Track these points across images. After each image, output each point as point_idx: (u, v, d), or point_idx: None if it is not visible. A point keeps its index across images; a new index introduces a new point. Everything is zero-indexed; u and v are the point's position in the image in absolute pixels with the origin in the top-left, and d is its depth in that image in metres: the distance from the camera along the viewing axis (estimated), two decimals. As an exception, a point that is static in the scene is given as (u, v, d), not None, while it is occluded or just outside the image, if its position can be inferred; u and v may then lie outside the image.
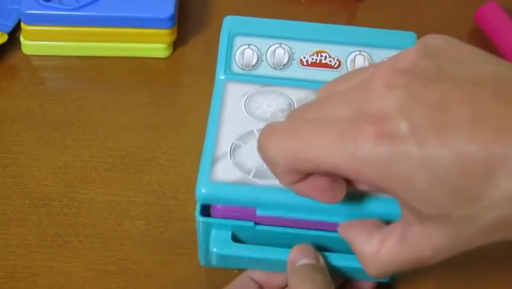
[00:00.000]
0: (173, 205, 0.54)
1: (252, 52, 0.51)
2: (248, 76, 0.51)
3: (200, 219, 0.46)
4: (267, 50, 0.51)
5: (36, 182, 0.55)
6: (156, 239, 0.53)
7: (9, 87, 0.62)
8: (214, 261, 0.47)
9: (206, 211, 0.46)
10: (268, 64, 0.51)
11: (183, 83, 0.65)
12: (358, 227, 0.41)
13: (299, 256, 0.46)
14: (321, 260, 0.46)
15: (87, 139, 0.58)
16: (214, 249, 0.46)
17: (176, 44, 0.65)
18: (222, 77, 0.51)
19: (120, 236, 0.53)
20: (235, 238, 0.47)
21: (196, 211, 0.46)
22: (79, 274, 0.51)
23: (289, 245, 0.46)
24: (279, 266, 0.47)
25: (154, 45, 0.64)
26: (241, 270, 0.51)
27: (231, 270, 0.51)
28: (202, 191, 0.44)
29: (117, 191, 0.55)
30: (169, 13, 0.62)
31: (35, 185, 0.55)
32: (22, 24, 0.63)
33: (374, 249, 0.39)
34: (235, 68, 0.51)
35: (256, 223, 0.46)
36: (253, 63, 0.51)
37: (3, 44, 0.63)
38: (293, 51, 0.51)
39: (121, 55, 0.64)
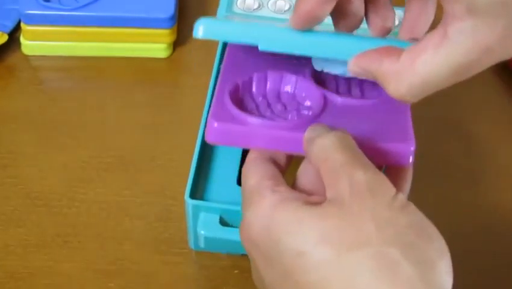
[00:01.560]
0: (172, 205, 0.54)
1: (253, 1, 0.52)
2: (249, 16, 0.52)
3: (189, 202, 0.47)
4: (269, 1, 0.52)
5: (35, 182, 0.55)
6: (155, 239, 0.53)
7: (9, 86, 0.62)
8: (202, 244, 0.48)
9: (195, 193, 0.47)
10: (269, 9, 0.52)
11: (183, 83, 0.65)
12: (376, 53, 0.37)
13: (316, 132, 0.39)
14: None
15: (86, 139, 0.58)
16: (202, 232, 0.47)
17: (176, 44, 0.65)
18: (223, 14, 0.52)
19: (119, 236, 0.53)
20: (226, 224, 0.48)
21: (186, 193, 0.47)
22: (78, 274, 0.51)
23: None
24: None
25: (154, 45, 0.64)
26: (240, 271, 0.51)
27: (231, 271, 0.51)
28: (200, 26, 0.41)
29: (117, 191, 0.55)
30: (169, 13, 0.62)
31: (34, 185, 0.55)
32: (22, 25, 0.63)
33: (407, 63, 0.34)
34: (236, 10, 0.51)
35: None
36: (255, 7, 0.52)
37: (3, 44, 0.63)
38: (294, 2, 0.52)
39: (121, 55, 0.64)
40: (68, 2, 0.62)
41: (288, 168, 0.41)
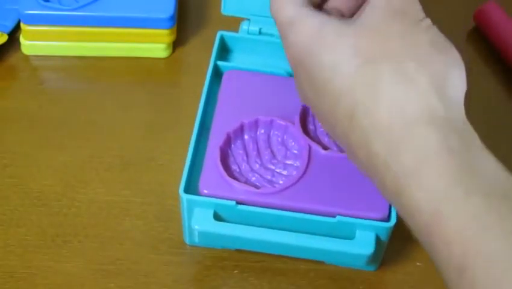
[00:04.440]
0: (172, 205, 0.54)
1: None
2: None
3: (183, 196, 0.47)
4: None
5: (35, 182, 0.55)
6: (155, 239, 0.53)
7: (9, 87, 0.62)
8: (196, 239, 0.49)
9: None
10: None
11: (183, 83, 0.65)
12: None
13: None
14: None
15: (86, 139, 0.58)
16: (196, 226, 0.47)
17: (176, 44, 0.65)
18: None
19: (119, 236, 0.53)
20: (220, 219, 0.48)
21: (180, 188, 0.47)
22: (78, 274, 0.51)
23: (271, 227, 0.47)
24: (261, 246, 0.48)
25: (154, 45, 0.64)
26: (240, 271, 0.51)
27: (231, 271, 0.51)
28: None
29: (117, 191, 0.55)
30: (169, 13, 0.62)
31: (34, 185, 0.55)
32: (22, 25, 0.63)
33: None
34: None
35: (238, 203, 0.47)
36: None
37: (3, 44, 0.63)
38: None
39: (121, 55, 0.64)
40: (68, 2, 0.62)
41: None
